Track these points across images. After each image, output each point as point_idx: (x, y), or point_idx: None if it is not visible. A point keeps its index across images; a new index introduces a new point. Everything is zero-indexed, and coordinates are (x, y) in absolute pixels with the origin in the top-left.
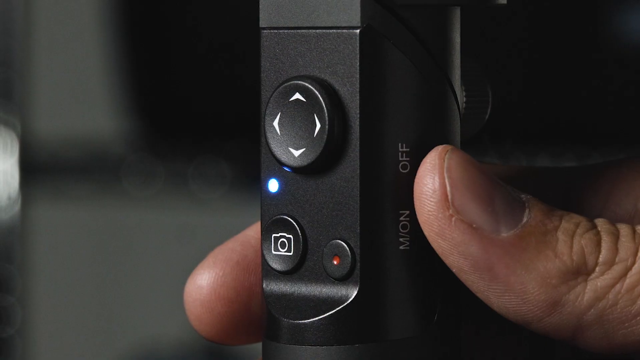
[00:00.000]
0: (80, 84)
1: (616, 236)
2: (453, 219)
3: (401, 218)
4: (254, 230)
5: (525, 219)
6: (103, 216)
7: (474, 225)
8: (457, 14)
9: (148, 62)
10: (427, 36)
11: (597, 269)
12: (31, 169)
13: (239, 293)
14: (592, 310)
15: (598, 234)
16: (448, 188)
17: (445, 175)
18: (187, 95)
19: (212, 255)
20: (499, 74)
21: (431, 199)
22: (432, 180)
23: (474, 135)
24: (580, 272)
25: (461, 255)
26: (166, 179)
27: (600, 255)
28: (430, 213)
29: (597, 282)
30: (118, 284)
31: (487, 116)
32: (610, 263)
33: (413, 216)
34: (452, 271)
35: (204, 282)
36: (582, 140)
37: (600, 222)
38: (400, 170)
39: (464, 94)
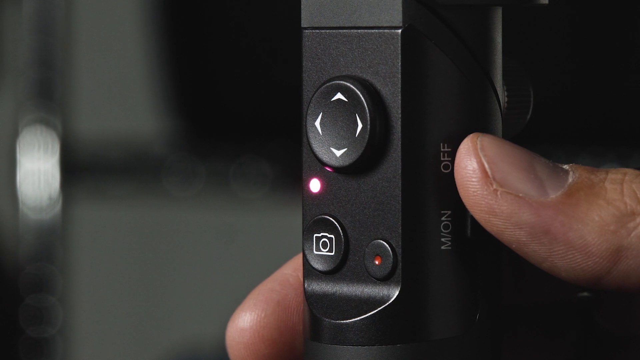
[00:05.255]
0: (121, 84)
1: None
2: (498, 192)
3: (443, 218)
4: (291, 268)
5: (570, 179)
6: (144, 216)
7: (521, 194)
8: (498, 13)
9: (189, 61)
10: (469, 36)
11: None
12: (72, 169)
13: (283, 333)
14: None
15: None
16: (486, 165)
17: (481, 154)
18: (229, 95)
19: (252, 296)
20: (541, 73)
21: (473, 179)
22: (470, 162)
23: (515, 135)
24: (636, 213)
25: (515, 226)
26: (207, 179)
27: None
28: (475, 193)
29: None
30: (159, 284)
31: (528, 116)
32: None
33: (455, 216)
34: (496, 271)
35: (247, 325)
36: (623, 141)
37: None
38: (442, 170)
39: (505, 94)
